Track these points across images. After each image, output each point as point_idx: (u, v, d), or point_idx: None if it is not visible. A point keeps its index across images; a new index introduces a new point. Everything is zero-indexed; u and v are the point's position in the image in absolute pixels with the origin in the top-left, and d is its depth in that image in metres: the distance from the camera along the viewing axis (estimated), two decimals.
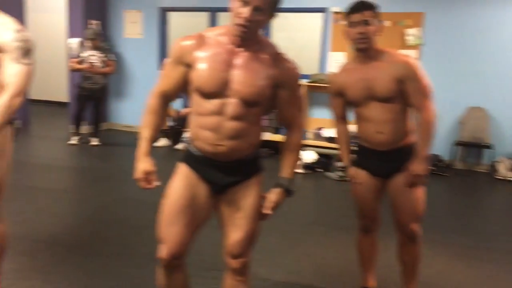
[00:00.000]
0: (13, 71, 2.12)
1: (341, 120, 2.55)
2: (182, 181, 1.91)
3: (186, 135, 6.61)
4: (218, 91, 1.76)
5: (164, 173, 1.91)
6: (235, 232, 1.92)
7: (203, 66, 1.76)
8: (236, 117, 1.78)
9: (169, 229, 1.89)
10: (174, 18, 7.77)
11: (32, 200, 4.18)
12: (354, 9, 2.23)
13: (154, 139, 1.94)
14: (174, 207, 1.89)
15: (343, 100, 2.45)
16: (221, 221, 1.98)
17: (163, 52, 7.74)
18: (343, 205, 4.58)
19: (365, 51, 2.28)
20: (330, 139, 6.29)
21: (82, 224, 3.70)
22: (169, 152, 6.62)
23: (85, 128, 7.07)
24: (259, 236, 2.02)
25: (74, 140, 6.66)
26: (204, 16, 7.46)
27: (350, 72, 2.37)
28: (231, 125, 1.79)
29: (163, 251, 1.92)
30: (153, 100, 1.92)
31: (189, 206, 1.89)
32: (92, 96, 6.57)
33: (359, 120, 2.42)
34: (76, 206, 4.19)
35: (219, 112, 1.78)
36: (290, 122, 1.93)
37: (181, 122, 6.84)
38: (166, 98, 1.92)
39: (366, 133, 2.40)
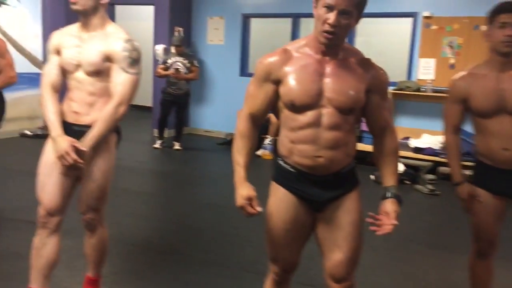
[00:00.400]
0: (120, 80, 2.14)
1: (454, 130, 2.31)
2: (281, 204, 1.84)
3: (267, 141, 6.57)
4: (313, 103, 1.70)
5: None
6: (336, 253, 1.81)
7: (294, 79, 1.71)
8: (333, 127, 1.72)
9: (279, 252, 1.89)
10: (255, 24, 7.79)
11: (123, 202, 4.29)
12: (506, 9, 2.03)
13: (250, 163, 1.84)
14: (280, 232, 1.84)
15: (462, 107, 2.23)
16: (319, 240, 1.87)
17: (244, 58, 7.78)
18: (436, 221, 4.30)
19: (509, 56, 2.07)
20: (418, 150, 5.98)
21: (173, 229, 3.73)
22: None
23: (168, 132, 7.23)
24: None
25: (158, 144, 6.83)
26: (285, 22, 7.41)
27: (479, 78, 2.16)
28: (328, 135, 1.72)
29: (277, 269, 1.93)
30: (243, 123, 1.83)
31: (293, 229, 1.85)
32: (176, 101, 6.70)
33: (481, 133, 2.20)
34: (165, 210, 4.24)
35: (315, 123, 1.71)
36: (383, 127, 1.82)
37: (262, 128, 6.80)
38: (256, 119, 1.84)
39: (488, 149, 2.17)
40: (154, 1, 7.63)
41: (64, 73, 2.23)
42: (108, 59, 2.14)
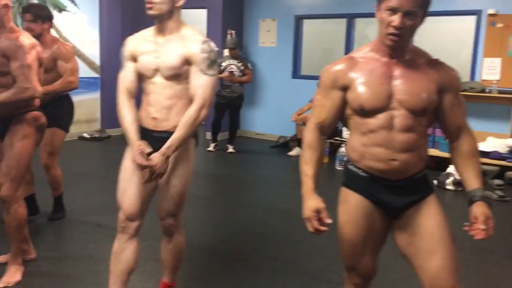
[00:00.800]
0: (200, 82, 2.11)
1: None
2: (356, 210, 1.78)
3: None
4: (383, 106, 1.68)
5: (293, 182, 1.78)
6: (434, 260, 1.69)
7: (362, 84, 1.70)
8: (406, 129, 1.68)
9: (358, 260, 1.84)
10: (307, 25, 7.68)
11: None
12: None
13: (318, 174, 1.80)
14: (357, 239, 1.79)
15: None
16: (403, 251, 1.78)
17: (296, 60, 7.70)
18: (508, 229, 4.06)
19: None
20: (483, 154, 5.70)
21: (237, 233, 3.70)
22: None
23: (221, 135, 7.24)
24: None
25: (211, 147, 6.84)
26: (339, 23, 7.27)
27: None
28: (402, 138, 1.68)
29: (356, 279, 1.89)
30: (310, 134, 1.81)
31: (371, 235, 1.80)
32: (230, 104, 6.70)
33: None
34: (227, 214, 4.21)
35: (387, 126, 1.69)
36: (459, 128, 1.76)
37: None
38: (324, 129, 1.81)
39: None
40: (206, 5, 7.67)
41: (141, 78, 2.22)
42: (187, 61, 2.10)
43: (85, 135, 7.22)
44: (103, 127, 7.69)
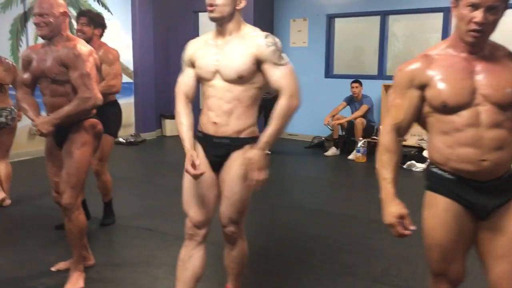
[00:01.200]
0: (279, 75, 2.08)
1: None
2: (446, 214, 1.72)
3: (360, 144, 6.37)
4: (466, 102, 1.63)
5: (333, 183, 1.72)
6: (501, 264, 1.67)
7: (442, 80, 1.66)
8: (494, 125, 1.62)
9: (450, 266, 1.77)
10: (338, 24, 7.62)
11: None
12: None
13: (397, 178, 1.77)
14: (449, 244, 1.74)
15: None
16: (480, 251, 1.76)
17: (328, 59, 7.63)
18: None
19: None
20: None
21: (288, 237, 3.66)
22: (339, 162, 6.44)
23: None
24: None
25: None
26: (370, 21, 7.20)
27: None
28: (492, 135, 1.62)
29: (444, 284, 1.82)
30: (387, 137, 1.78)
31: (462, 239, 1.74)
32: (265, 105, 6.63)
33: None
34: (274, 217, 4.18)
35: (473, 123, 1.62)
36: None
37: (351, 131, 6.64)
38: (401, 130, 1.78)
39: None
40: None
41: (200, 81, 2.20)
42: (256, 60, 2.06)
43: (121, 139, 7.29)
44: (138, 131, 7.76)
